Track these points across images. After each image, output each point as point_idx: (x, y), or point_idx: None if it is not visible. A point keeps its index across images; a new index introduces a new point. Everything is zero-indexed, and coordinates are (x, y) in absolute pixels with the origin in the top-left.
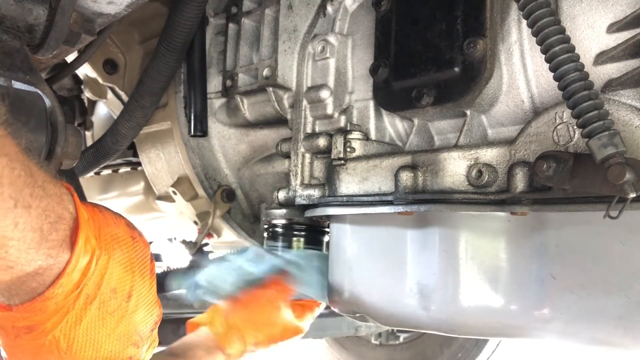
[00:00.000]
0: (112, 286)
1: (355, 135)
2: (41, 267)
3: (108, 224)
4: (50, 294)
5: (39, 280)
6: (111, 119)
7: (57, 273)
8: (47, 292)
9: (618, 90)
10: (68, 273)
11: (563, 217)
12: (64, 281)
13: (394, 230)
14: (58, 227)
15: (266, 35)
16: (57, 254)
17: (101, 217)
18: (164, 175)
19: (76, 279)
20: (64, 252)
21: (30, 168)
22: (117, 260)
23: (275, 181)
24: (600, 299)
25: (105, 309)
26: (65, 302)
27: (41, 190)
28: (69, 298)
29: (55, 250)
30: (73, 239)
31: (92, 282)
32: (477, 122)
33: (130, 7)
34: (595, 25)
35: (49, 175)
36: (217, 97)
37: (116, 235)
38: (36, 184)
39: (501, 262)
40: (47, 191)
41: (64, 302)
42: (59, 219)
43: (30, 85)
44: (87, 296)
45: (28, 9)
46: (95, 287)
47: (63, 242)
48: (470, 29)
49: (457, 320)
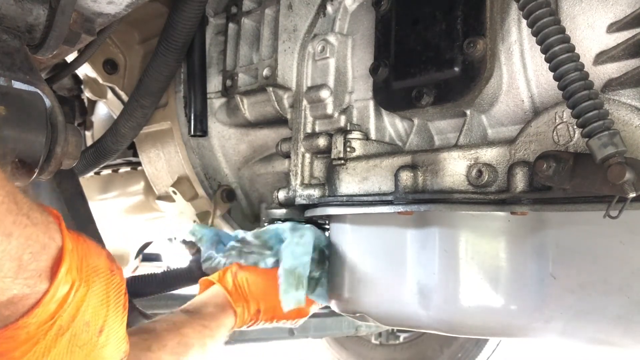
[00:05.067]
0: (86, 319)
1: (355, 135)
2: (16, 296)
3: (91, 254)
4: (23, 323)
5: (12, 309)
6: (111, 119)
7: (32, 303)
8: (20, 321)
9: (618, 90)
10: (44, 303)
11: (563, 217)
12: (39, 311)
13: (394, 230)
14: (40, 257)
15: (266, 35)
16: (35, 284)
17: (85, 247)
18: (164, 175)
19: (52, 310)
20: (42, 283)
21: (15, 196)
22: (95, 292)
23: (275, 181)
24: (600, 299)
25: (76, 342)
26: (37, 331)
27: (25, 218)
28: (42, 328)
29: (33, 280)
30: (55, 268)
31: (67, 314)
32: (477, 121)
33: (130, 7)
34: (595, 25)
35: (35, 204)
36: (217, 97)
37: (96, 267)
38: (20, 212)
39: (501, 261)
40: (32, 220)
41: (36, 332)
42: (42, 249)
43: (30, 85)
44: (59, 327)
45: (28, 9)
46: (69, 319)
47: (43, 273)
48: (470, 29)
49: (457, 320)
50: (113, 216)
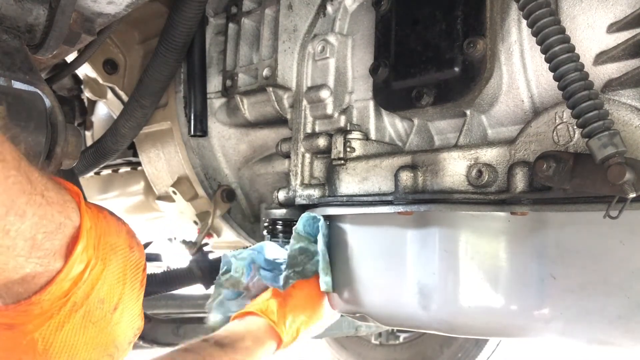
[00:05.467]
0: (100, 296)
1: (355, 135)
2: (29, 274)
3: (110, 232)
4: (36, 300)
5: (25, 286)
6: (111, 119)
7: (46, 281)
8: (34, 298)
9: (618, 90)
10: (58, 281)
11: (563, 217)
12: (53, 289)
13: (394, 230)
14: (54, 237)
15: (266, 35)
16: (48, 263)
17: (104, 223)
18: (164, 175)
19: (66, 287)
20: (56, 262)
21: (29, 175)
22: (111, 270)
23: (275, 181)
24: (600, 299)
25: (89, 317)
26: (51, 307)
27: (40, 197)
28: (56, 304)
29: (46, 259)
30: (71, 247)
31: (81, 291)
32: (477, 122)
33: (130, 7)
34: (595, 25)
35: (52, 182)
36: (217, 97)
37: (115, 245)
38: (34, 192)
39: (501, 262)
40: (47, 199)
41: (49, 308)
42: (57, 228)
43: (30, 85)
44: (74, 304)
45: (28, 9)
46: (84, 296)
47: (57, 252)
48: (470, 29)
49: (457, 320)
50: None
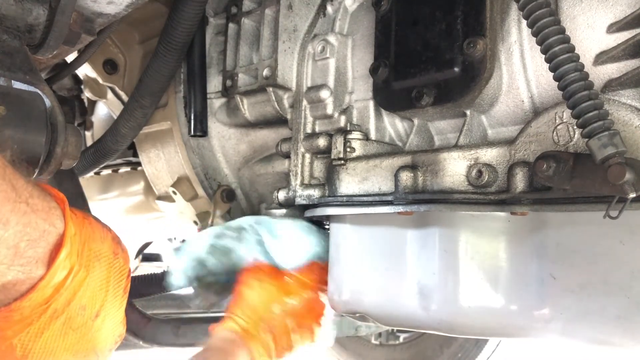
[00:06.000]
0: (82, 303)
1: (355, 135)
2: (10, 282)
3: (94, 238)
4: (15, 307)
5: (6, 293)
6: (111, 119)
7: (27, 288)
8: (13, 305)
9: (618, 90)
10: (39, 289)
11: (563, 217)
12: (34, 296)
13: (394, 230)
14: (37, 244)
15: (266, 35)
16: (30, 271)
17: (89, 230)
18: (164, 175)
19: (47, 294)
20: (38, 269)
21: (14, 183)
22: (94, 277)
23: (275, 181)
24: (600, 299)
25: (70, 324)
26: (31, 314)
27: (24, 205)
28: (36, 311)
29: (29, 267)
30: (54, 254)
31: (63, 298)
32: (477, 122)
33: (130, 7)
34: (595, 25)
35: (37, 189)
36: (217, 97)
37: (99, 252)
38: (19, 199)
39: (501, 262)
40: (32, 206)
41: (30, 314)
42: (40, 236)
43: (30, 85)
44: (54, 310)
45: (28, 9)
46: (65, 302)
47: (40, 259)
48: (470, 29)
49: (457, 320)
50: (113, 216)
